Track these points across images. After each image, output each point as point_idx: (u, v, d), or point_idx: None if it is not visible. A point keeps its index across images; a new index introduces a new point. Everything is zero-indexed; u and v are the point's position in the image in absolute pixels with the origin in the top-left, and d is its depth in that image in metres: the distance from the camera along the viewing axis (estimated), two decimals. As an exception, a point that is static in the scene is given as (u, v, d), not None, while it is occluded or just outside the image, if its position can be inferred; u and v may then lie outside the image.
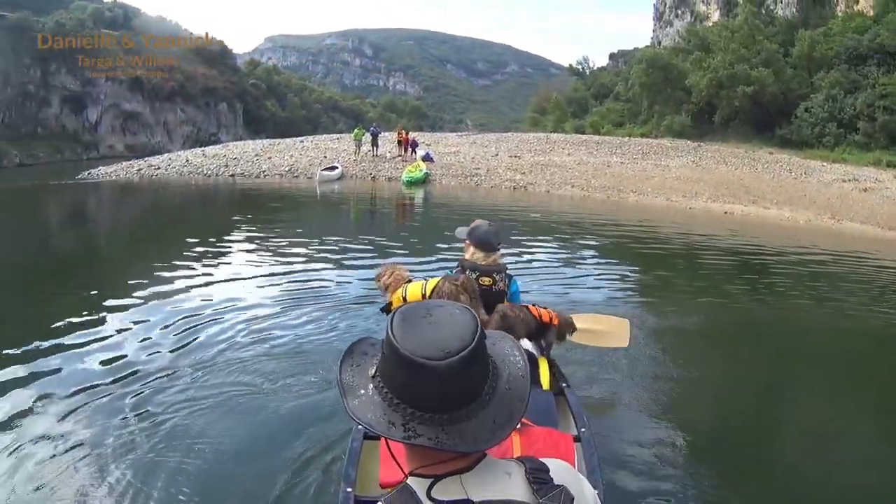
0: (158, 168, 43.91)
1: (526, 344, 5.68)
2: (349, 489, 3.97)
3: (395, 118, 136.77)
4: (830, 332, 11.31)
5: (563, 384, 5.60)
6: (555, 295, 12.10)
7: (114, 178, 42.76)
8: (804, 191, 33.41)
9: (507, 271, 5.87)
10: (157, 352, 8.49)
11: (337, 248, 16.98)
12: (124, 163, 49.76)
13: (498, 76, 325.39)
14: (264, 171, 39.60)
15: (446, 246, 16.12)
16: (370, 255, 16.02)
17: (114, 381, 7.47)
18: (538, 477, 1.69)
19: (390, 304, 5.73)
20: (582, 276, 14.52)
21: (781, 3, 75.36)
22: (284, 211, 26.51)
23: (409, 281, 5.82)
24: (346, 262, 14.93)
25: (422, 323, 1.64)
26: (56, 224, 27.53)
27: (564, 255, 17.41)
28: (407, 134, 44.45)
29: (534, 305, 5.85)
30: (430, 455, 1.65)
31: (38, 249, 17.42)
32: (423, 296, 5.33)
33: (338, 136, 60.85)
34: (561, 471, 1.78)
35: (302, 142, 54.04)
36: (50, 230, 23.80)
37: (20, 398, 6.96)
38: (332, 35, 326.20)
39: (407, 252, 16.58)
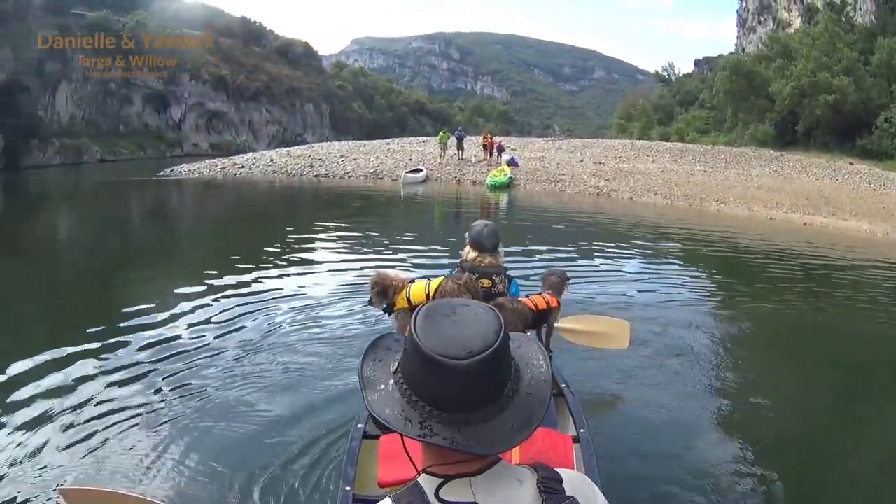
0: (242, 167, 45.23)
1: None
2: (347, 488, 3.94)
3: (482, 122, 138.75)
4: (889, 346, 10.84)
5: (563, 384, 5.50)
6: (613, 295, 12.34)
7: (196, 175, 44.40)
8: (883, 203, 32.07)
9: (507, 273, 5.89)
10: (215, 335, 9.20)
11: (416, 247, 17.12)
12: (208, 161, 51.47)
13: (585, 82, 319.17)
14: (349, 173, 40.28)
15: (527, 250, 16.69)
16: (448, 255, 15.55)
17: (168, 358, 8.28)
18: (549, 486, 1.64)
19: (393, 304, 5.68)
20: (650, 282, 14.28)
21: (860, 10, 71.34)
22: (367, 210, 26.95)
23: (412, 281, 5.75)
24: (423, 262, 14.83)
25: (445, 321, 1.60)
26: (137, 217, 29.00)
27: (636, 261, 17.14)
28: (492, 138, 43.89)
29: (527, 297, 5.95)
30: (446, 454, 1.61)
31: (118, 240, 18.37)
32: (427, 295, 5.30)
33: (424, 139, 61.02)
34: (575, 481, 1.74)
35: (388, 144, 54.15)
36: (130, 223, 24.71)
37: (87, 367, 7.97)
38: (419, 38, 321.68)
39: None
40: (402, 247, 17.18)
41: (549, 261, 15.40)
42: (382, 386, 1.68)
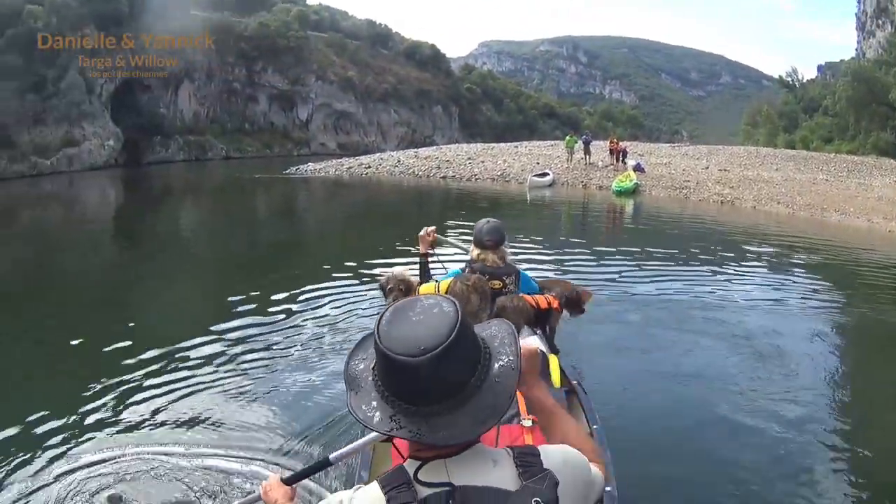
0: (369, 167, 45.66)
1: (537, 342, 5.22)
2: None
3: (611, 126, 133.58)
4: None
5: (575, 381, 5.45)
6: (730, 301, 12.24)
7: (322, 174, 45.49)
8: None
9: (517, 271, 5.79)
10: (310, 324, 10.04)
11: (542, 250, 17.15)
12: (334, 160, 52.97)
13: (711, 87, 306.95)
14: (476, 175, 39.83)
15: (646, 256, 16.57)
16: (572, 258, 15.93)
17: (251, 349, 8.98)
18: (525, 461, 1.71)
19: None
20: (764, 290, 13.60)
21: (979, 13, 68.21)
22: (493, 212, 24.96)
23: (420, 283, 5.80)
24: (548, 265, 14.94)
25: (405, 319, 1.68)
26: (264, 213, 30.17)
27: (750, 271, 16.02)
28: (619, 143, 42.38)
29: (532, 294, 5.79)
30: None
31: (244, 234, 19.09)
32: None
33: (552, 142, 59.50)
34: (552, 454, 1.78)
35: (516, 147, 52.88)
36: (257, 218, 25.81)
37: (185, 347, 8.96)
38: (547, 41, 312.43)
39: (605, 260, 16.14)
40: (527, 249, 16.83)
41: (667, 269, 15.35)
42: (363, 384, 1.75)
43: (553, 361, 5.34)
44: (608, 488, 3.63)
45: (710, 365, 8.62)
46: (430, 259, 6.17)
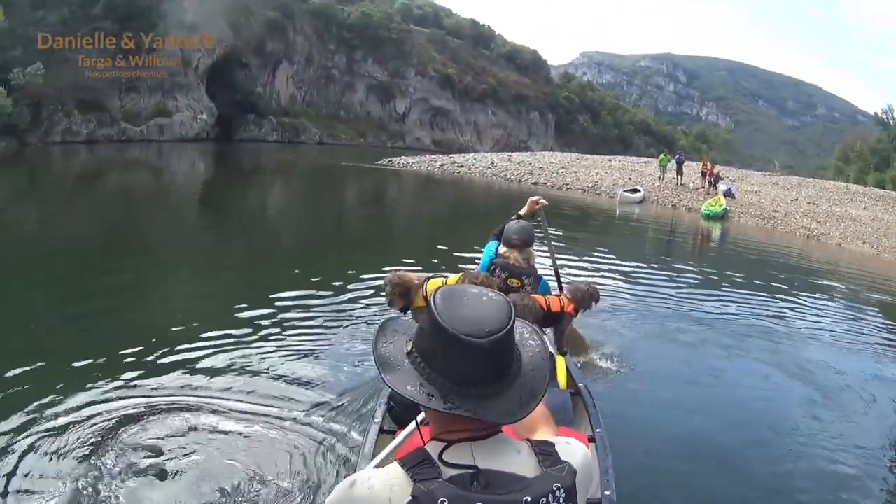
0: (462, 166, 45.41)
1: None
2: None
3: (705, 149, 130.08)
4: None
5: (580, 384, 5.24)
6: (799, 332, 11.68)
7: (415, 168, 45.08)
8: None
9: (538, 274, 5.84)
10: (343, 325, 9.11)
11: (624, 263, 16.79)
12: (428, 156, 52.80)
13: (806, 117, 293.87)
14: (567, 184, 39.14)
15: (726, 279, 16.11)
16: (655, 277, 15.40)
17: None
18: (544, 451, 1.74)
19: (410, 303, 5.70)
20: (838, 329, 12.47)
21: None
22: (581, 223, 26.53)
23: (427, 280, 5.75)
24: (627, 279, 14.38)
25: (462, 303, 1.70)
26: (351, 200, 29.89)
27: (828, 308, 14.83)
28: (712, 166, 40.24)
29: (544, 295, 5.82)
30: (457, 423, 1.69)
31: (327, 218, 19.53)
32: None
33: (646, 159, 59.55)
34: (569, 447, 1.81)
35: (610, 160, 52.92)
36: (343, 205, 25.92)
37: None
38: (647, 57, 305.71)
39: (682, 279, 15.57)
40: (608, 262, 16.56)
41: (742, 295, 14.26)
42: (399, 366, 1.73)
43: (560, 363, 5.24)
44: (607, 492, 3.64)
45: (758, 390, 8.24)
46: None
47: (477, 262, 12.19)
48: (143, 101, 59.14)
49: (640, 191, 36.27)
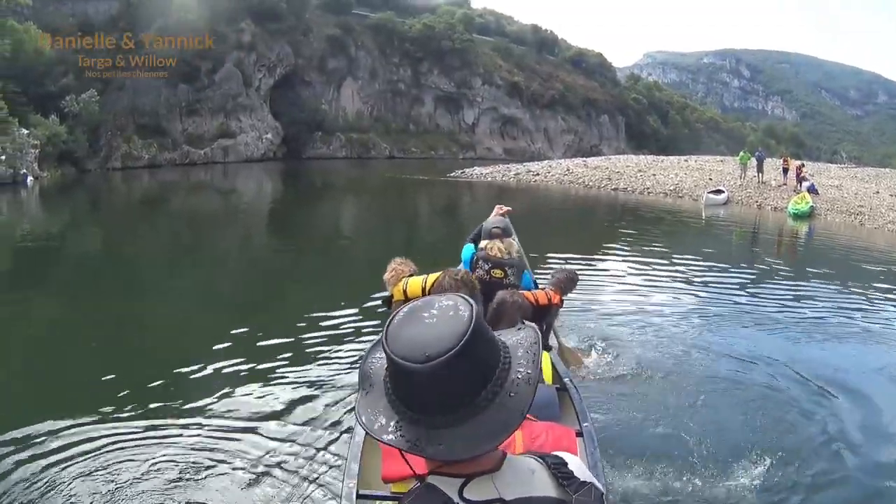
0: (537, 174, 43.62)
1: None
2: (351, 484, 3.66)
3: (773, 144, 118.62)
4: None
5: (566, 378, 5.12)
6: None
7: (488, 179, 43.38)
8: None
9: (522, 266, 5.76)
10: None
11: (714, 271, 15.70)
12: (501, 165, 51.25)
13: (869, 106, 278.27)
14: (648, 188, 37.14)
15: (820, 289, 14.19)
16: (740, 283, 14.11)
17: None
18: (563, 472, 1.53)
19: (391, 297, 5.45)
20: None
21: None
22: (668, 229, 25.29)
23: (412, 275, 5.46)
24: (717, 289, 13.40)
25: (418, 320, 1.45)
26: (424, 214, 29.33)
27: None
28: (801, 165, 37.37)
29: (530, 290, 5.75)
30: None
31: (396, 234, 18.28)
32: (423, 290, 5.04)
33: (721, 158, 55.98)
34: (578, 465, 1.59)
35: (686, 160, 50.01)
36: (416, 220, 24.99)
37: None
38: (710, 54, 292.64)
39: (776, 296, 13.18)
40: (701, 269, 15.69)
41: (837, 300, 13.00)
42: (373, 385, 1.53)
43: (546, 358, 4.86)
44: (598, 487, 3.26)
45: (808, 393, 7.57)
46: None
47: (551, 266, 11.40)
48: (206, 123, 56.74)
49: (723, 192, 34.06)
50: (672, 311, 10.95)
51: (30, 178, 37.60)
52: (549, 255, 15.07)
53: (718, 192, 34.02)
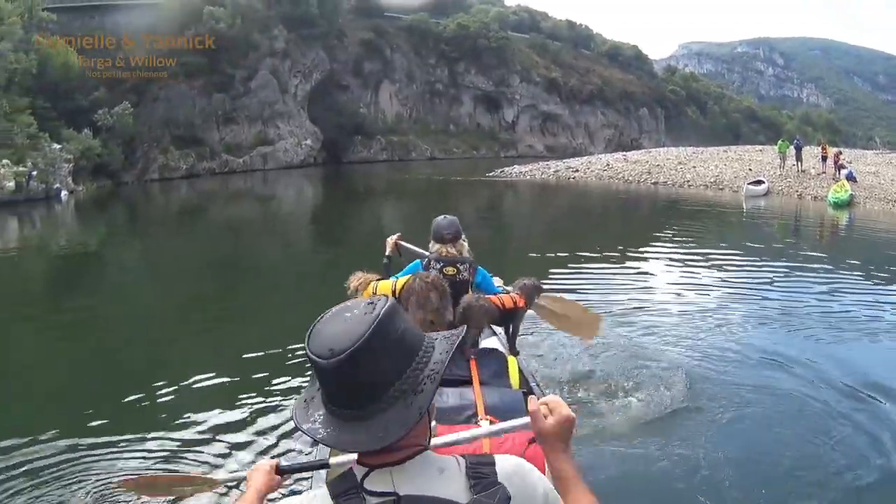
0: (577, 171, 42.60)
1: (494, 343, 5.44)
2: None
3: (810, 132, 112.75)
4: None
5: (533, 383, 4.95)
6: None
7: (528, 177, 42.62)
8: None
9: (472, 262, 5.41)
10: None
11: (756, 264, 14.93)
12: (541, 163, 50.07)
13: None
14: (688, 181, 36.27)
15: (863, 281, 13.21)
16: (776, 277, 13.29)
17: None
18: (478, 472, 1.51)
19: None
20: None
21: None
22: (709, 222, 24.03)
23: (380, 279, 5.30)
24: (757, 285, 12.48)
25: (336, 319, 1.48)
26: (470, 214, 25.82)
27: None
28: (839, 153, 35.86)
29: (496, 294, 5.31)
30: None
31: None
32: (393, 292, 4.67)
33: (760, 147, 53.60)
34: (510, 466, 1.56)
35: (726, 151, 48.78)
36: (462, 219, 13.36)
37: None
38: (744, 43, 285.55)
39: (817, 291, 12.10)
40: (743, 263, 14.96)
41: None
42: (314, 384, 1.57)
43: (512, 362, 4.54)
44: None
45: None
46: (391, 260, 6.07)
47: (580, 272, 12.42)
48: (244, 131, 55.11)
49: (763, 182, 33.06)
50: (710, 307, 10.37)
51: (64, 193, 36.54)
52: (586, 253, 14.85)
53: (759, 182, 33.11)
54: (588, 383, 6.90)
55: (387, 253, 6.12)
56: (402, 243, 6.34)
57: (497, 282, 5.67)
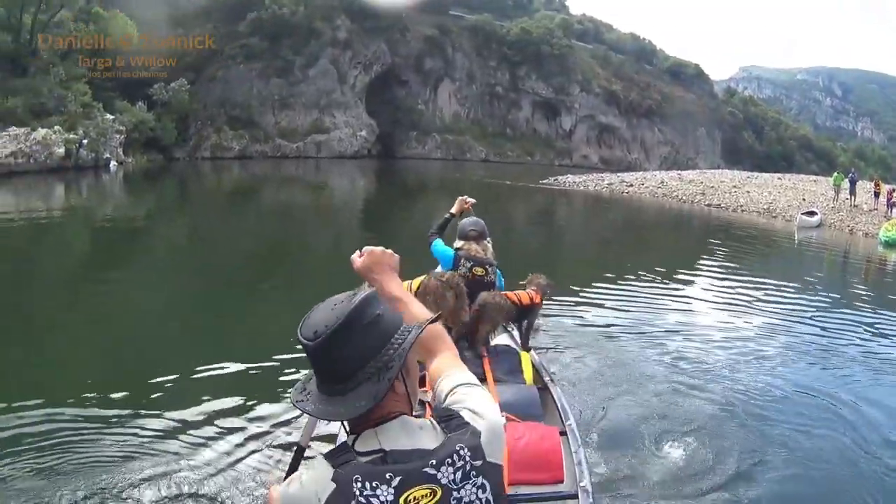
0: (631, 185, 41.65)
1: (506, 340, 5.21)
2: None
3: (863, 166, 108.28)
4: None
5: (547, 378, 4.78)
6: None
7: (581, 188, 42.08)
8: None
9: (495, 265, 5.19)
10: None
11: (799, 299, 13.18)
12: (595, 174, 49.90)
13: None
14: (742, 206, 34.07)
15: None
16: (820, 320, 11.31)
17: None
18: (445, 416, 1.65)
19: None
20: None
21: None
22: (759, 248, 22.88)
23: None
24: (798, 316, 11.38)
25: (325, 307, 1.62)
26: (519, 220, 27.27)
27: None
28: (893, 190, 32.35)
29: (513, 291, 5.13)
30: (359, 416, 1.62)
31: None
32: (409, 291, 3.70)
33: (814, 177, 53.03)
34: (470, 412, 1.67)
35: (780, 179, 47.80)
36: (507, 228, 22.56)
37: None
38: (803, 71, 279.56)
39: (857, 331, 10.75)
40: (792, 296, 13.27)
41: None
42: None
43: (525, 358, 4.54)
44: (582, 483, 3.41)
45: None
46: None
47: (624, 287, 12.16)
48: (299, 117, 54.05)
49: (816, 213, 31.03)
50: (750, 335, 9.59)
51: (113, 163, 36.14)
52: (632, 269, 14.29)
53: (812, 213, 31.18)
54: (618, 405, 6.34)
55: (452, 210, 5.68)
56: (471, 210, 5.88)
57: None
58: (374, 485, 1.52)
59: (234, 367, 6.92)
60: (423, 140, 65.94)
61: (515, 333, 5.35)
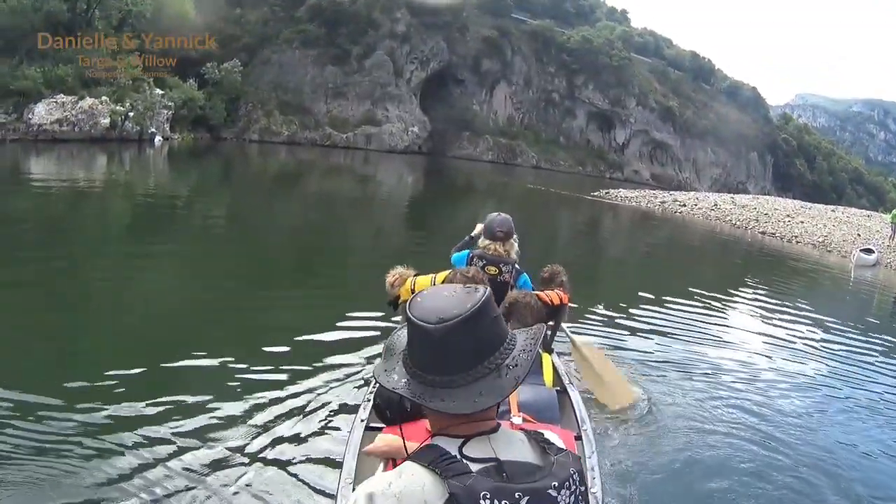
0: (684, 205, 39.78)
1: None
2: (349, 480, 3.37)
3: None
4: None
5: (567, 382, 4.75)
6: None
7: (633, 204, 40.02)
8: None
9: (517, 265, 5.16)
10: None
11: (847, 343, 11.62)
12: (647, 190, 48.11)
13: None
14: (796, 236, 31.67)
15: None
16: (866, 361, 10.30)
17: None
18: (542, 439, 1.63)
19: (398, 297, 5.01)
20: None
21: None
22: (813, 283, 21.14)
23: (417, 274, 5.05)
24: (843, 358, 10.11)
25: (437, 295, 1.59)
26: (565, 231, 26.73)
27: None
28: None
29: (543, 291, 5.10)
30: (455, 418, 1.55)
31: (536, 252, 12.34)
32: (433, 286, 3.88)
33: (868, 213, 49.35)
34: (556, 438, 1.67)
35: (833, 211, 44.96)
36: (556, 239, 22.47)
37: None
38: (859, 103, 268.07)
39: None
40: (833, 337, 11.84)
41: None
42: (395, 353, 1.65)
43: (546, 360, 4.34)
44: (593, 490, 3.29)
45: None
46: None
47: (664, 309, 11.07)
48: (351, 108, 52.07)
49: (874, 251, 28.59)
50: (795, 381, 8.45)
51: (158, 138, 34.75)
52: (676, 292, 13.13)
53: (869, 251, 28.75)
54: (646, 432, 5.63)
55: (472, 234, 5.46)
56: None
57: None
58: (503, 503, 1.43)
59: (253, 356, 6.26)
60: (475, 141, 63.60)
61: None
